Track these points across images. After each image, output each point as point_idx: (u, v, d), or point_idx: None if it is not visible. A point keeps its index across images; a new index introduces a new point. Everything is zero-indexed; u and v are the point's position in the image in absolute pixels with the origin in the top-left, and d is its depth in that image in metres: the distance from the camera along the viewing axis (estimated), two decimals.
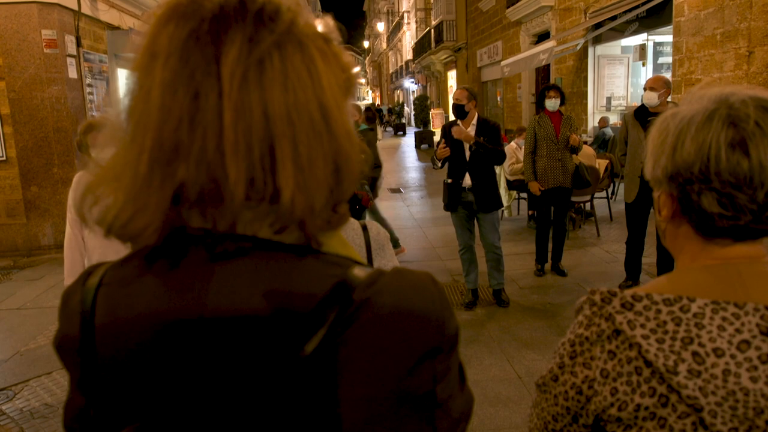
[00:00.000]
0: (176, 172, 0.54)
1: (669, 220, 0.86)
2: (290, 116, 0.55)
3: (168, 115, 0.54)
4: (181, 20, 0.55)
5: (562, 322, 4.43)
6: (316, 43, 0.59)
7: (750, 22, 6.40)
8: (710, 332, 0.73)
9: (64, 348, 0.64)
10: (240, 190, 0.54)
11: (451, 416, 0.60)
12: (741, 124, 0.75)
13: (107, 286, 0.61)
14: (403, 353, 0.55)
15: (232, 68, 0.53)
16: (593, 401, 0.80)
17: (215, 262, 0.57)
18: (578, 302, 0.85)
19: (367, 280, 0.57)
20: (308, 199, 0.56)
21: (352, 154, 0.60)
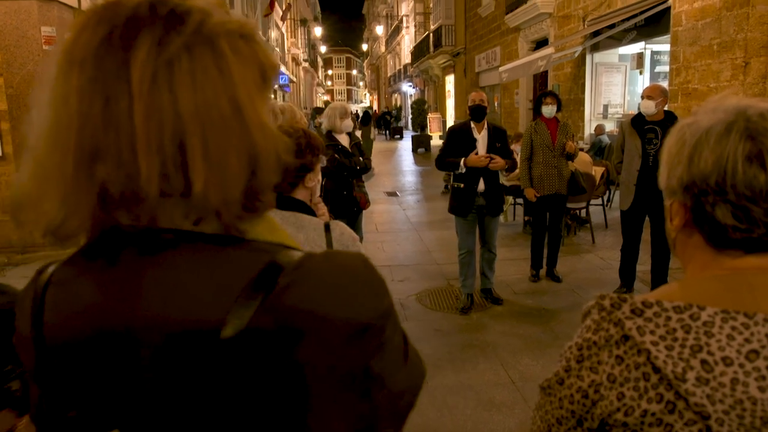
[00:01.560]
0: (97, 173, 0.57)
1: (680, 229, 0.86)
2: (200, 114, 0.57)
3: (86, 120, 0.57)
4: (96, 27, 0.58)
5: (557, 327, 4.44)
6: (229, 40, 0.61)
7: (747, 33, 6.45)
8: (719, 341, 0.74)
9: (19, 344, 0.68)
10: (153, 187, 0.57)
11: (391, 390, 0.64)
12: (759, 137, 0.76)
13: (54, 285, 0.65)
14: (332, 331, 0.58)
15: (141, 71, 0.56)
16: (599, 405, 0.80)
17: (143, 257, 0.61)
18: (586, 306, 0.85)
19: (294, 263, 0.59)
20: (221, 191, 0.59)
21: (268, 146, 0.62)
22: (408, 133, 29.73)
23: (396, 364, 0.65)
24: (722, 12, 6.85)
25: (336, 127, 4.87)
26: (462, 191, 4.68)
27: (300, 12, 39.55)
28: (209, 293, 0.58)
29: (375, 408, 0.62)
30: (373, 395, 0.62)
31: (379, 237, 7.77)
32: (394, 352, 0.65)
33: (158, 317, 0.59)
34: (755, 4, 6.32)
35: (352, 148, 4.94)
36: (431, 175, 14.41)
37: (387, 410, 0.64)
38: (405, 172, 16.12)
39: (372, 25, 52.98)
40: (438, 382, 3.66)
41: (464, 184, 4.65)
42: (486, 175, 4.62)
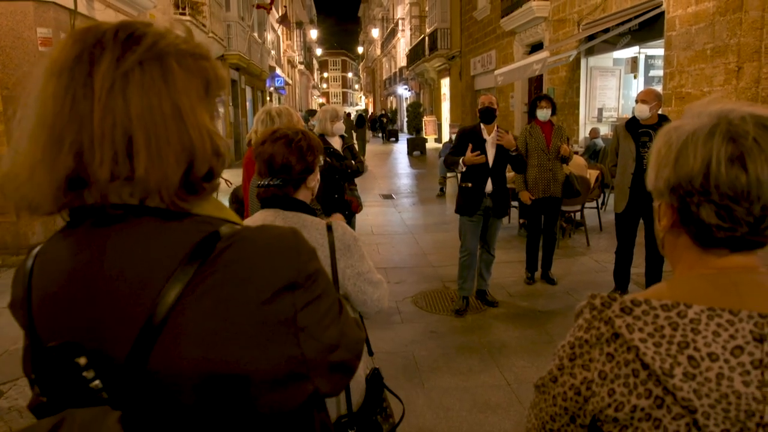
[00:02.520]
0: (62, 160, 0.71)
1: (668, 229, 0.89)
2: (145, 115, 0.72)
3: (57, 118, 0.71)
4: (72, 46, 0.74)
5: (552, 329, 4.47)
6: (178, 57, 0.75)
7: (740, 38, 6.51)
8: (705, 337, 0.76)
9: (14, 306, 0.85)
10: (105, 171, 0.71)
11: (321, 341, 0.78)
12: (740, 140, 0.79)
13: (39, 257, 0.82)
14: (260, 286, 0.73)
15: (101, 80, 0.71)
16: (591, 402, 0.83)
17: (103, 228, 0.75)
18: (578, 306, 0.88)
19: (231, 232, 0.75)
20: (159, 176, 0.72)
21: (204, 144, 0.76)
22: (403, 136, 29.76)
23: (324, 320, 0.79)
24: (715, 17, 6.91)
25: (327, 130, 4.88)
26: (470, 191, 4.71)
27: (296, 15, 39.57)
28: (157, 256, 0.73)
29: (303, 353, 0.76)
30: (301, 342, 0.76)
31: (375, 239, 7.79)
32: (322, 310, 0.80)
33: (118, 277, 0.73)
34: (748, 9, 6.38)
35: (344, 151, 4.95)
36: (426, 178, 14.44)
37: (317, 359, 0.78)
38: (400, 174, 16.14)
39: (368, 27, 53.06)
40: (434, 383, 3.68)
41: (473, 184, 4.69)
42: (494, 176, 4.67)
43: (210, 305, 0.71)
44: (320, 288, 0.80)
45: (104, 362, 0.72)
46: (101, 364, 0.71)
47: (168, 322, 0.70)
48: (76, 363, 0.71)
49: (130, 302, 0.72)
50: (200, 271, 0.71)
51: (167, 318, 0.70)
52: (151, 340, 0.70)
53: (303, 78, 47.70)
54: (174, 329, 0.71)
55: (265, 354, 0.73)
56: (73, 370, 0.71)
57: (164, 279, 0.71)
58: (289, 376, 0.76)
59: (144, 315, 0.71)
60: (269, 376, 0.74)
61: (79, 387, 0.71)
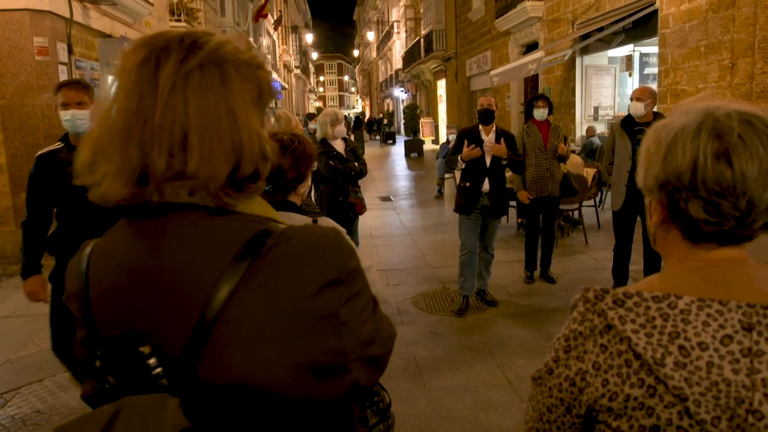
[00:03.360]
0: (128, 150, 0.78)
1: (659, 225, 0.91)
2: (201, 113, 0.78)
3: (126, 111, 0.79)
4: (141, 49, 0.81)
5: (552, 328, 4.49)
6: (236, 65, 0.82)
7: (733, 35, 6.55)
8: (695, 327, 0.78)
9: (69, 300, 0.90)
10: (161, 163, 0.77)
11: (359, 335, 0.83)
12: (725, 136, 0.81)
13: (97, 251, 0.88)
14: (308, 281, 0.78)
15: (165, 80, 0.78)
16: (586, 392, 0.85)
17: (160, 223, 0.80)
18: (573, 299, 0.90)
19: (279, 230, 0.80)
20: (209, 169, 0.78)
21: (253, 145, 0.81)
22: (400, 138, 29.78)
23: (362, 315, 0.84)
24: (709, 14, 6.94)
25: (329, 134, 4.91)
26: (467, 190, 4.76)
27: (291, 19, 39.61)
28: (211, 252, 0.78)
29: (344, 346, 0.81)
30: (344, 337, 0.81)
31: (374, 242, 7.81)
32: (360, 306, 0.84)
33: (175, 271, 0.78)
34: (741, 6, 6.42)
35: (347, 153, 4.97)
36: (424, 180, 14.46)
37: (356, 352, 0.83)
38: (398, 176, 16.16)
39: (363, 31, 53.12)
40: (435, 383, 3.70)
41: (470, 183, 4.74)
42: (491, 176, 4.71)
43: (261, 299, 0.76)
44: (359, 285, 0.84)
45: (161, 352, 0.76)
46: (160, 353, 0.76)
47: (221, 316, 0.75)
48: (140, 352, 0.76)
49: (185, 296, 0.77)
50: (251, 267, 0.76)
51: (221, 312, 0.75)
52: (205, 333, 0.75)
53: (299, 82, 47.73)
54: (227, 323, 0.75)
55: (311, 346, 0.78)
56: (137, 359, 0.76)
57: (217, 274, 0.76)
58: (332, 368, 0.80)
59: (199, 309, 0.76)
60: (315, 367, 0.78)
61: (142, 374, 0.76)
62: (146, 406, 0.72)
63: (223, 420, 0.78)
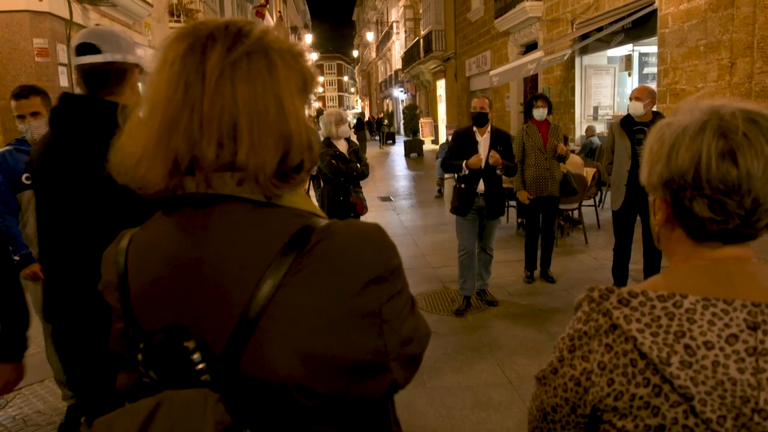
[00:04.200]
0: (173, 141, 0.76)
1: (663, 224, 0.91)
2: (250, 102, 0.76)
3: (169, 102, 0.77)
4: (184, 38, 0.79)
5: (552, 327, 4.49)
6: (281, 53, 0.80)
7: (732, 34, 6.55)
8: (701, 326, 0.79)
9: (106, 290, 0.88)
10: (211, 151, 0.75)
11: (400, 334, 0.81)
12: (730, 135, 0.81)
13: (136, 240, 0.86)
14: (353, 278, 0.76)
15: (212, 68, 0.76)
16: (591, 392, 0.85)
17: (202, 214, 0.79)
18: (577, 299, 0.90)
19: (323, 226, 0.79)
20: (259, 159, 0.76)
21: (301, 133, 0.80)
22: (400, 138, 29.77)
23: (402, 314, 0.82)
24: (708, 13, 6.94)
25: (332, 133, 4.93)
26: (463, 191, 4.77)
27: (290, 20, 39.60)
28: (255, 246, 0.77)
29: (385, 345, 0.79)
30: (386, 335, 0.79)
31: None
32: (401, 304, 0.83)
33: (218, 265, 0.77)
34: (740, 5, 6.42)
35: (350, 154, 4.98)
36: (424, 180, 14.46)
37: (396, 351, 0.81)
38: (398, 177, 16.16)
39: (362, 31, 53.09)
40: (436, 383, 3.70)
41: (465, 184, 4.75)
42: (486, 177, 4.71)
43: (305, 296, 0.75)
44: (401, 282, 0.83)
45: (204, 347, 0.75)
46: (203, 347, 0.75)
47: (265, 312, 0.74)
48: (185, 346, 0.75)
49: (228, 290, 0.76)
50: (296, 262, 0.75)
51: (265, 308, 0.74)
52: (248, 330, 0.74)
53: None
54: (270, 319, 0.74)
55: (354, 344, 0.77)
56: (182, 353, 0.75)
57: (262, 268, 0.75)
58: (374, 366, 0.79)
59: (242, 304, 0.74)
60: (357, 365, 0.77)
61: (186, 370, 0.74)
62: (188, 401, 0.72)
63: (265, 417, 0.77)
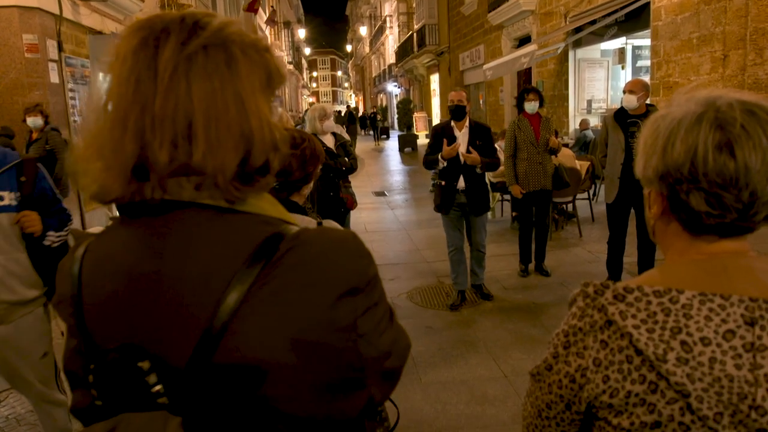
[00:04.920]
0: (127, 141, 0.71)
1: (658, 217, 0.90)
2: (206, 99, 0.71)
3: (121, 99, 0.72)
4: (138, 32, 0.74)
5: (547, 321, 4.49)
6: (243, 47, 0.75)
7: (725, 27, 6.55)
8: (698, 322, 0.77)
9: (60, 305, 0.82)
10: (164, 154, 0.70)
11: (377, 348, 0.76)
12: (728, 127, 0.79)
13: (92, 251, 0.80)
14: (325, 290, 0.71)
15: (165, 63, 0.70)
16: (586, 389, 0.84)
17: (161, 223, 0.73)
18: (572, 294, 0.89)
19: (294, 233, 0.73)
20: (217, 160, 0.71)
21: (264, 133, 0.74)
22: (394, 132, 29.71)
23: (380, 326, 0.77)
24: (700, 6, 6.94)
25: (317, 128, 4.89)
26: (443, 188, 4.73)
27: (283, 14, 39.43)
28: (219, 256, 0.71)
29: (361, 360, 0.74)
30: (361, 350, 0.74)
31: (369, 237, 7.79)
32: (378, 316, 0.77)
33: (179, 277, 0.71)
34: None
35: (337, 149, 4.95)
36: (419, 175, 14.44)
37: (373, 366, 0.76)
38: (392, 171, 16.14)
39: (356, 26, 52.93)
40: (431, 378, 3.69)
41: (445, 181, 4.70)
42: (466, 172, 4.64)
43: (273, 310, 0.69)
44: (378, 293, 0.78)
45: (163, 366, 0.70)
46: (161, 367, 0.70)
47: (229, 328, 0.68)
48: (138, 367, 0.69)
49: (190, 304, 0.70)
50: (263, 273, 0.69)
51: (228, 323, 0.68)
52: (212, 346, 0.68)
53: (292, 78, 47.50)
54: (235, 335, 0.68)
55: (326, 361, 0.71)
56: (135, 375, 0.69)
57: (226, 280, 0.69)
58: (348, 384, 0.74)
59: (205, 319, 0.69)
60: (330, 384, 0.72)
61: (140, 391, 0.69)
62: (143, 425, 0.67)
63: None
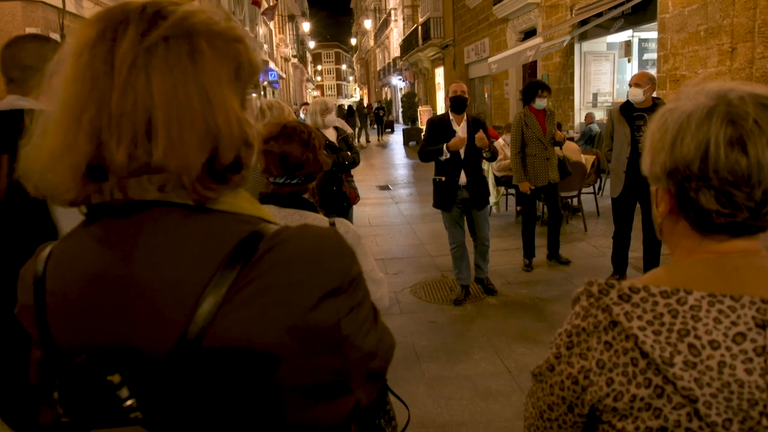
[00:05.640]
0: (82, 140, 0.66)
1: (666, 215, 0.86)
2: (167, 93, 0.66)
3: (76, 98, 0.66)
4: (95, 24, 0.69)
5: (551, 316, 4.46)
6: (209, 37, 0.70)
7: (733, 19, 6.47)
8: (706, 324, 0.74)
9: (22, 314, 0.77)
10: (122, 154, 0.65)
11: (361, 350, 0.72)
12: (740, 121, 0.75)
13: (55, 256, 0.75)
14: (306, 290, 0.67)
15: (123, 56, 0.65)
16: (589, 391, 0.81)
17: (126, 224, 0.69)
18: (575, 293, 0.86)
19: (273, 232, 0.69)
20: (179, 158, 0.66)
21: (232, 129, 0.69)
22: (399, 126, 29.63)
23: (364, 327, 0.74)
24: None
25: (318, 123, 4.87)
26: (443, 184, 4.63)
27: (288, 8, 39.35)
28: (194, 257, 0.67)
29: (346, 363, 0.71)
30: (346, 352, 0.70)
31: (372, 231, 7.77)
32: (362, 316, 0.74)
33: (150, 281, 0.67)
34: None
35: (339, 142, 4.92)
36: (423, 168, 14.38)
37: (357, 368, 0.73)
38: (397, 165, 16.10)
39: (360, 19, 52.77)
40: (434, 373, 3.67)
41: (446, 177, 4.61)
42: (468, 167, 4.58)
43: (253, 313, 0.65)
44: (362, 292, 0.74)
45: (135, 377, 0.66)
46: (132, 379, 0.66)
47: (207, 333, 0.64)
48: (109, 381, 0.65)
49: (164, 310, 0.66)
50: (242, 274, 0.65)
51: (206, 328, 0.64)
52: (187, 353, 0.64)
53: (297, 71, 47.48)
54: (213, 340, 0.64)
55: (310, 366, 0.68)
56: (105, 389, 0.65)
57: (201, 284, 0.65)
58: (332, 389, 0.71)
59: (180, 325, 0.65)
60: (312, 389, 0.69)
61: (111, 407, 0.65)
62: None
63: None
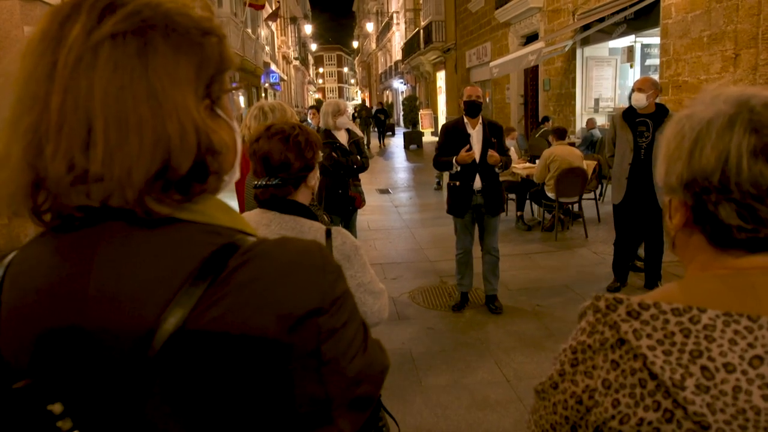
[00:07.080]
0: (14, 149, 0.61)
1: (680, 228, 0.81)
2: (110, 96, 0.59)
3: (19, 104, 0.61)
4: (48, 18, 0.63)
5: (551, 324, 4.41)
6: (167, 32, 0.62)
7: (736, 25, 6.44)
8: (721, 346, 0.69)
9: None
10: (57, 166, 0.59)
11: (345, 376, 0.65)
12: (764, 130, 0.70)
13: (13, 267, 0.68)
14: (282, 312, 0.60)
15: (65, 56, 0.59)
16: (593, 412, 0.76)
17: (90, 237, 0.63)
18: (581, 307, 0.81)
19: (247, 246, 0.63)
20: (120, 170, 0.59)
21: (185, 134, 0.62)
22: (399, 129, 29.61)
23: (349, 351, 0.67)
24: (712, 4, 6.83)
25: (329, 124, 4.82)
26: (458, 189, 4.51)
27: (290, 10, 39.41)
28: (156, 273, 0.61)
29: (327, 392, 0.64)
30: (327, 379, 0.64)
31: (371, 235, 7.73)
32: (347, 339, 0.66)
33: (108, 298, 0.61)
34: None
35: (350, 146, 4.88)
36: (423, 172, 14.37)
37: (340, 397, 0.65)
38: (397, 169, 16.08)
39: (362, 22, 52.87)
40: (431, 381, 3.62)
41: (460, 182, 4.48)
42: (483, 172, 4.44)
43: (220, 335, 0.58)
44: (346, 313, 0.67)
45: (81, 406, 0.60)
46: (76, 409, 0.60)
47: (167, 356, 0.58)
48: (48, 411, 0.59)
49: (121, 331, 0.60)
50: (209, 293, 0.59)
51: (165, 351, 0.58)
52: (146, 377, 0.58)
53: (298, 74, 47.56)
54: (175, 365, 0.58)
55: (284, 395, 0.61)
56: (45, 419, 0.59)
57: (163, 302, 0.59)
58: (312, 420, 0.64)
59: (137, 347, 0.59)
60: (288, 423, 0.62)
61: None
62: None
63: None
